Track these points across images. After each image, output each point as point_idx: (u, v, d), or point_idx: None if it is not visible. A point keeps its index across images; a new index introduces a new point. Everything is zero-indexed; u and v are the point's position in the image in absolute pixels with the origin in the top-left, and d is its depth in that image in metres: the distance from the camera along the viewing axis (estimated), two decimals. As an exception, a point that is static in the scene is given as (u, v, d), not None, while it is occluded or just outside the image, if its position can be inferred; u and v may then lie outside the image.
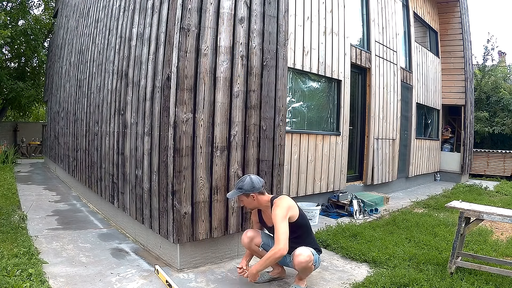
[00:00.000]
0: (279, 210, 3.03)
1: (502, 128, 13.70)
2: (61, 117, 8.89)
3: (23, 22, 14.41)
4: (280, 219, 2.99)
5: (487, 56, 17.00)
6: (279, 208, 3.06)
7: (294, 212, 3.14)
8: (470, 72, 11.87)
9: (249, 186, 3.13)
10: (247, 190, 3.13)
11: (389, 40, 8.59)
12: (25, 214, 5.09)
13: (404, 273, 3.45)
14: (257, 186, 3.15)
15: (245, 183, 3.14)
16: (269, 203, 3.21)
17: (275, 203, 3.13)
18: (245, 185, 3.14)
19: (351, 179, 7.64)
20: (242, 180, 3.18)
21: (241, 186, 3.15)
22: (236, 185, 3.22)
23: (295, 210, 3.17)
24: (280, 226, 2.96)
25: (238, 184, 3.19)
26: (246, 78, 3.89)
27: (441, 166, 11.98)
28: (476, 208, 3.56)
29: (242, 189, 3.14)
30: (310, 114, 6.59)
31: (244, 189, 3.13)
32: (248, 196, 3.17)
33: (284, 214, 3.03)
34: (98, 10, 6.23)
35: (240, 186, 3.16)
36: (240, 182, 3.19)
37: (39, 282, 3.00)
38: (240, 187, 3.16)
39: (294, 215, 3.14)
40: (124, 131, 4.62)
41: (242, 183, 3.16)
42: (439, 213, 6.49)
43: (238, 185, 3.19)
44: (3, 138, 15.18)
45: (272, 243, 3.27)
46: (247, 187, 3.13)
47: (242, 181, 3.17)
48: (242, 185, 3.15)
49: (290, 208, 3.12)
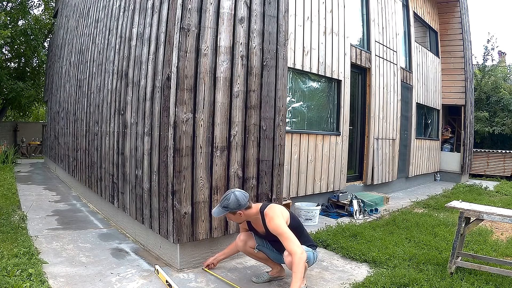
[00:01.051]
0: (278, 220, 2.99)
1: (502, 128, 13.70)
2: (61, 117, 8.89)
3: (23, 22, 14.42)
4: (283, 228, 2.96)
5: (487, 56, 17.02)
6: (276, 218, 3.01)
7: (286, 217, 3.12)
8: (470, 72, 11.87)
9: (234, 204, 3.00)
10: (233, 208, 3.01)
11: (389, 40, 8.59)
12: (25, 214, 5.09)
13: (404, 273, 3.45)
14: (242, 203, 3.02)
15: (230, 202, 3.00)
16: (258, 215, 3.16)
17: (267, 215, 3.08)
18: (230, 204, 3.00)
19: (351, 179, 7.64)
20: (227, 198, 3.03)
21: (226, 205, 3.01)
22: (221, 203, 3.06)
23: (286, 214, 3.15)
24: (288, 234, 2.93)
25: (223, 202, 3.04)
26: (246, 78, 3.89)
27: (441, 166, 11.98)
28: (476, 208, 3.56)
29: (228, 207, 3.01)
30: (310, 114, 6.59)
31: (230, 208, 3.01)
32: (234, 214, 3.07)
33: (283, 221, 3.01)
34: (98, 10, 6.24)
35: (225, 205, 3.02)
36: (224, 201, 3.03)
37: (39, 282, 3.00)
38: (226, 205, 3.02)
39: (287, 220, 3.11)
40: (124, 131, 4.61)
41: (227, 202, 3.01)
42: (439, 213, 6.49)
43: (223, 203, 3.04)
44: (3, 138, 15.18)
45: (266, 244, 3.30)
46: (232, 205, 3.00)
47: (227, 200, 3.02)
48: (227, 204, 3.01)
49: (282, 213, 3.10)
